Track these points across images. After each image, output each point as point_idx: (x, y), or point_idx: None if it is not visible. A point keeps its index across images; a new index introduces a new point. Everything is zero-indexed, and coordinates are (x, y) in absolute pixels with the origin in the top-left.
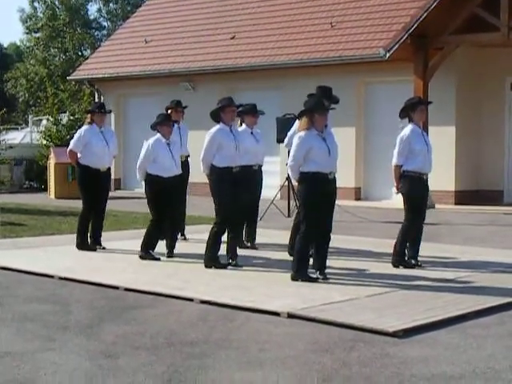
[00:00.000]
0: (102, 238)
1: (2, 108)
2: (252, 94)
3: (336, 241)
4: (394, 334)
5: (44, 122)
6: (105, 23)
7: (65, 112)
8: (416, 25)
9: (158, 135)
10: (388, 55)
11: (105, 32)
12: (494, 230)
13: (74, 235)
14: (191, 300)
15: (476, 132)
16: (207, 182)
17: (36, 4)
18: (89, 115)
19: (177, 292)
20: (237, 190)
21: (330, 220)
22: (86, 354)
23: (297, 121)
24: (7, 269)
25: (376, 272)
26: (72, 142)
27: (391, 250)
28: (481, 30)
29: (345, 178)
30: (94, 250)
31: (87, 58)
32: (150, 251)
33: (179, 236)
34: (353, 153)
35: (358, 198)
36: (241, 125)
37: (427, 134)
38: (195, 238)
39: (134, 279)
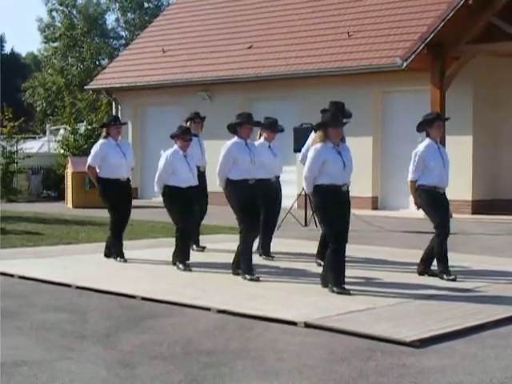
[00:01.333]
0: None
1: (19, 117)
2: (269, 103)
3: (352, 250)
4: (411, 344)
5: (61, 131)
6: (122, 33)
7: (82, 121)
8: (433, 34)
9: (176, 147)
10: (405, 65)
11: (122, 41)
12: (511, 239)
13: (91, 244)
14: (208, 309)
15: (493, 141)
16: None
17: (54, 13)
18: (104, 129)
19: (194, 301)
20: (254, 202)
21: (346, 232)
22: (103, 363)
23: (311, 134)
24: (25, 278)
25: (392, 282)
26: (90, 158)
27: (408, 260)
28: (497, 39)
29: (362, 188)
30: (110, 257)
31: (105, 68)
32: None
33: (194, 247)
34: (370, 162)
35: (375, 208)
36: (259, 137)
37: (444, 146)
38: (212, 247)
39: (151, 288)
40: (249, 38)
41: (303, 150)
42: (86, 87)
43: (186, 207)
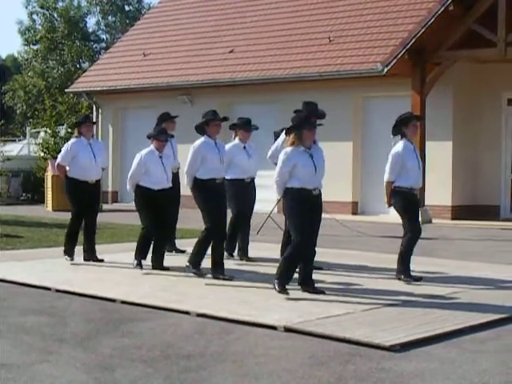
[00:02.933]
0: (97, 251)
1: None
2: (249, 107)
3: (333, 255)
4: (391, 349)
5: (42, 134)
6: (103, 36)
7: (63, 124)
8: (414, 40)
9: (152, 147)
10: (386, 70)
11: (103, 45)
12: (491, 244)
13: (76, 247)
14: (188, 313)
15: (473, 147)
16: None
17: (35, 16)
18: (76, 128)
19: (173, 305)
20: (222, 202)
21: (315, 236)
22: (82, 366)
23: (281, 135)
24: (4, 281)
25: (373, 287)
26: (60, 156)
27: (388, 265)
28: (478, 45)
29: (342, 193)
30: (89, 260)
31: (85, 71)
32: (142, 260)
33: (173, 252)
34: (350, 167)
35: (354, 213)
36: (235, 138)
37: (421, 149)
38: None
39: (131, 292)
40: (230, 42)
41: (272, 147)
42: (66, 90)
43: (156, 210)
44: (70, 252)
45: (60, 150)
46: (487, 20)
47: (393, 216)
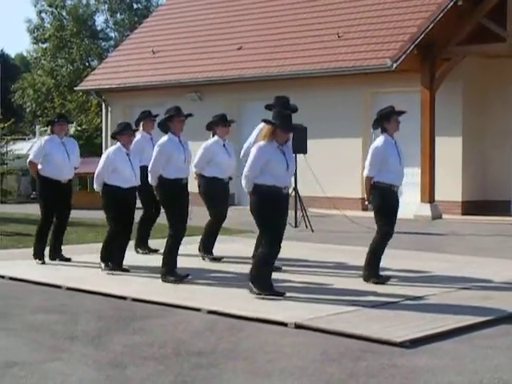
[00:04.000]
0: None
1: (9, 119)
2: (259, 104)
3: (342, 251)
4: (402, 345)
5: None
6: (112, 34)
7: (72, 122)
8: (423, 35)
9: (119, 144)
10: (395, 66)
11: (112, 43)
12: (501, 240)
13: (81, 245)
14: (198, 310)
15: (483, 142)
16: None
17: (43, 15)
18: (49, 126)
19: (184, 302)
20: (186, 202)
21: (282, 233)
22: (93, 364)
23: (254, 133)
24: (15, 279)
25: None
26: (32, 153)
27: (396, 261)
28: (487, 40)
29: (351, 189)
30: (54, 260)
31: (94, 69)
32: (110, 264)
33: (139, 250)
34: (359, 163)
35: (364, 209)
36: (213, 136)
37: (431, 144)
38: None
39: (141, 290)
40: (238, 38)
41: (245, 145)
42: (75, 88)
43: (124, 209)
44: (39, 254)
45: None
46: (496, 15)
47: (401, 212)
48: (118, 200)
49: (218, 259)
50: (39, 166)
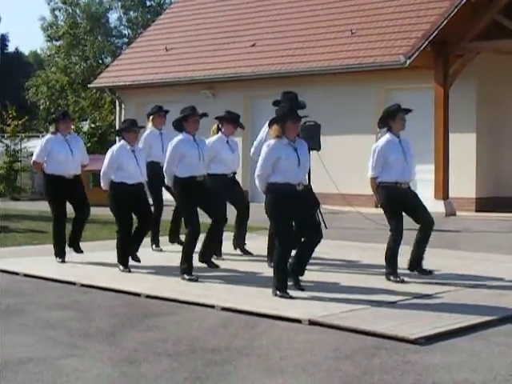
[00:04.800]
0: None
1: (23, 116)
2: (272, 101)
3: (356, 248)
4: (416, 342)
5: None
6: (125, 31)
7: (86, 120)
8: (436, 32)
9: (123, 142)
10: (408, 62)
11: (125, 40)
12: None
13: (95, 242)
14: (212, 307)
15: (497, 139)
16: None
17: (57, 12)
18: (53, 124)
19: (198, 299)
20: (205, 199)
21: (311, 223)
22: (108, 360)
23: (264, 129)
24: (30, 276)
25: (396, 280)
26: (35, 153)
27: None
28: (501, 36)
29: (364, 186)
30: (74, 249)
31: (108, 66)
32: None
33: (154, 247)
34: None
35: (377, 206)
36: (217, 131)
37: (445, 141)
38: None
39: (155, 286)
40: (252, 35)
41: (255, 143)
42: (89, 86)
43: (131, 206)
44: (59, 253)
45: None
46: (510, 11)
47: None
48: (125, 197)
49: (249, 253)
50: (44, 165)
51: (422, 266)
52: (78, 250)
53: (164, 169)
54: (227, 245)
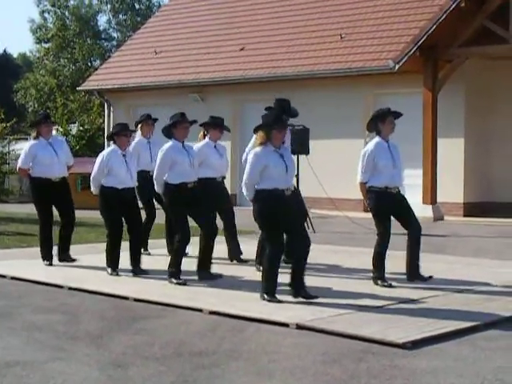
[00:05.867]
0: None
1: (11, 118)
2: (261, 105)
3: (344, 252)
4: (403, 346)
5: (53, 132)
6: (114, 34)
7: (74, 122)
8: (425, 37)
9: (114, 146)
10: (397, 67)
11: (114, 43)
12: (502, 242)
13: (83, 245)
14: (200, 311)
15: (485, 143)
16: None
17: (46, 15)
18: (35, 128)
19: (186, 303)
20: (196, 205)
21: (299, 235)
22: (95, 364)
23: (253, 138)
24: (17, 279)
25: (384, 284)
26: (20, 160)
27: (398, 262)
28: (490, 42)
29: (352, 190)
30: (66, 260)
31: (97, 69)
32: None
33: (142, 250)
34: None
35: (366, 210)
36: (204, 137)
37: (433, 146)
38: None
39: (143, 290)
40: (241, 39)
41: (246, 150)
42: (78, 88)
43: (121, 211)
44: (46, 256)
45: (71, 148)
46: (499, 16)
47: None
48: (114, 201)
49: (246, 262)
50: (30, 170)
51: (420, 273)
52: (69, 259)
53: (154, 176)
54: (216, 249)
